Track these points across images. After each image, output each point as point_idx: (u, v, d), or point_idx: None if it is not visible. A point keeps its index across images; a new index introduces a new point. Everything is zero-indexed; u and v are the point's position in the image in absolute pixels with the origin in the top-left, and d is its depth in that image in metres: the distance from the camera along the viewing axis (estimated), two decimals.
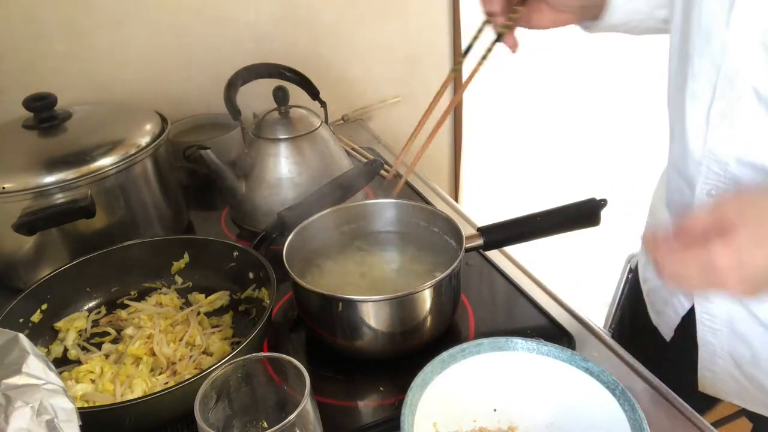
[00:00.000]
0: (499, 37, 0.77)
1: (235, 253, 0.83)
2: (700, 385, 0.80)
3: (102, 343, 0.80)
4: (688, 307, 0.80)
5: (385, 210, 0.86)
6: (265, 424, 0.56)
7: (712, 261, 0.51)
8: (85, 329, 0.81)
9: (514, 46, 0.78)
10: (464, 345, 0.64)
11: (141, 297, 0.86)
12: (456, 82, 0.74)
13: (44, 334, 0.79)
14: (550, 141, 1.84)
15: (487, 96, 1.69)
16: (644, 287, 0.92)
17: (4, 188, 0.83)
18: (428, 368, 0.62)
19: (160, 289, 0.88)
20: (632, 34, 0.81)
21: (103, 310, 0.85)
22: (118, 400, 0.69)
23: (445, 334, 0.78)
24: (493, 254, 0.93)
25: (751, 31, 0.57)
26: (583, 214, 0.82)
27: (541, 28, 0.77)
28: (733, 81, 0.61)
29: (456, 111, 1.68)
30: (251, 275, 0.82)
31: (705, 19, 0.61)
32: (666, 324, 0.85)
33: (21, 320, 0.76)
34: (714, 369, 0.78)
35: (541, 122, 1.78)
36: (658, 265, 0.56)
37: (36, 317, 0.78)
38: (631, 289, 1.02)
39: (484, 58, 0.77)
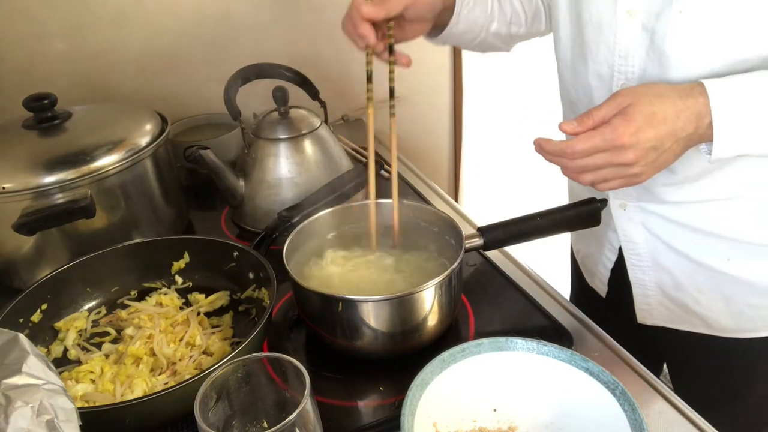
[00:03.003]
0: (392, 64, 0.82)
1: (235, 253, 0.83)
2: (639, 318, 0.92)
3: (102, 343, 0.80)
4: (614, 258, 0.92)
5: (385, 210, 0.86)
6: (265, 424, 0.56)
7: (615, 136, 0.62)
8: (85, 329, 0.81)
9: (407, 63, 0.83)
10: (464, 345, 0.64)
11: (141, 297, 0.86)
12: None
13: (44, 334, 0.79)
14: None
15: (487, 96, 1.69)
16: (578, 257, 1.05)
17: (4, 188, 0.83)
18: (428, 368, 0.62)
19: (160, 289, 0.87)
20: (471, 49, 0.98)
21: (103, 310, 0.85)
22: (118, 400, 0.69)
23: (445, 334, 0.78)
24: (493, 254, 0.93)
25: (633, 16, 0.71)
26: (583, 214, 0.82)
27: (406, 41, 0.86)
28: (626, 58, 0.74)
29: (456, 111, 1.68)
30: (251, 275, 0.82)
31: (595, 14, 0.75)
32: (600, 281, 0.97)
33: (21, 320, 0.76)
34: (648, 302, 0.90)
35: (541, 122, 1.78)
36: (563, 168, 0.68)
37: (36, 317, 0.78)
38: (573, 267, 1.12)
39: (392, 92, 0.82)
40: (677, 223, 0.81)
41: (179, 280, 0.88)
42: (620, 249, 0.90)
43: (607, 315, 0.92)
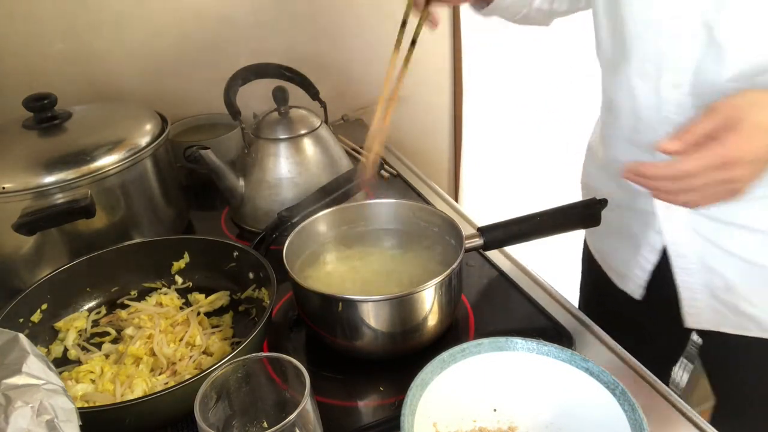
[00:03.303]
0: (422, 19, 0.83)
1: (235, 253, 0.83)
2: (686, 322, 0.87)
3: (102, 343, 0.80)
4: (654, 260, 0.86)
5: (385, 210, 0.86)
6: (265, 424, 0.56)
7: (727, 151, 0.57)
8: (85, 329, 0.81)
9: (435, 23, 0.84)
10: (464, 345, 0.64)
11: (141, 297, 0.86)
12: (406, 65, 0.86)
13: (44, 334, 0.79)
14: (550, 141, 1.84)
15: (487, 96, 1.69)
16: (599, 258, 1.01)
17: (4, 188, 0.83)
18: (428, 368, 0.62)
19: (160, 289, 0.87)
20: (514, 22, 0.94)
21: (103, 310, 0.85)
22: (118, 400, 0.69)
23: (445, 334, 0.78)
24: (493, 254, 0.93)
25: (689, 12, 0.66)
26: (583, 214, 0.82)
27: (447, 4, 0.86)
28: (677, 54, 0.69)
29: (456, 111, 1.68)
30: (251, 275, 0.82)
31: (637, 7, 0.70)
32: (635, 284, 0.92)
33: (21, 320, 0.76)
34: (696, 305, 0.85)
35: (541, 122, 1.78)
36: (659, 191, 0.63)
37: (36, 317, 0.78)
38: (587, 263, 1.08)
39: (414, 41, 0.83)
40: (724, 222, 0.77)
41: (179, 280, 0.88)
42: (662, 251, 0.85)
43: (616, 316, 0.89)
